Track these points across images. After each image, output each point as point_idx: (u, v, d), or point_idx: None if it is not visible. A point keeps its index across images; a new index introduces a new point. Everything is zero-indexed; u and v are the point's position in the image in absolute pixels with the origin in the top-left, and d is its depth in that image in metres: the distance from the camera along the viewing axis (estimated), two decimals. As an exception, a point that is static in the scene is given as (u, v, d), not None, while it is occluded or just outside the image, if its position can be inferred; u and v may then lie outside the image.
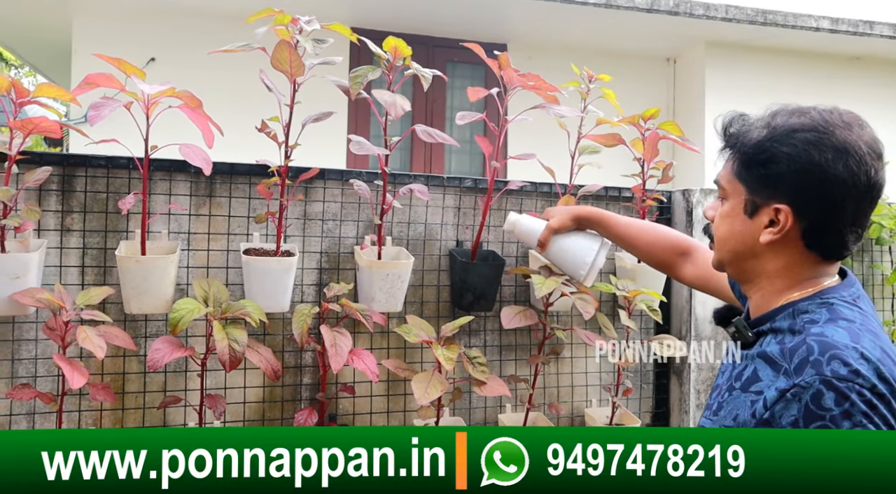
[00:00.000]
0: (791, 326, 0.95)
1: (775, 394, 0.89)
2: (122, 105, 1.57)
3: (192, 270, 1.83)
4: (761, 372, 0.94)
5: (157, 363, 1.54)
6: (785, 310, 0.98)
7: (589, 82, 2.00)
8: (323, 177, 1.90)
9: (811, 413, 0.85)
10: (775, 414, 0.89)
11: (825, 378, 0.85)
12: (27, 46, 5.19)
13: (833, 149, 0.92)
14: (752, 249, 1.01)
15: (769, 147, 0.96)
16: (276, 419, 1.90)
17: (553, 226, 1.64)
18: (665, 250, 1.50)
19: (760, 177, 0.97)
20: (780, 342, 0.94)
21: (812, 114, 0.95)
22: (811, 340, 0.90)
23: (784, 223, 0.96)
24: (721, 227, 1.05)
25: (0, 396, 1.70)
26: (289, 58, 1.64)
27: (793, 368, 0.89)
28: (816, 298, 0.97)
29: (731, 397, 0.98)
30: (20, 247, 1.65)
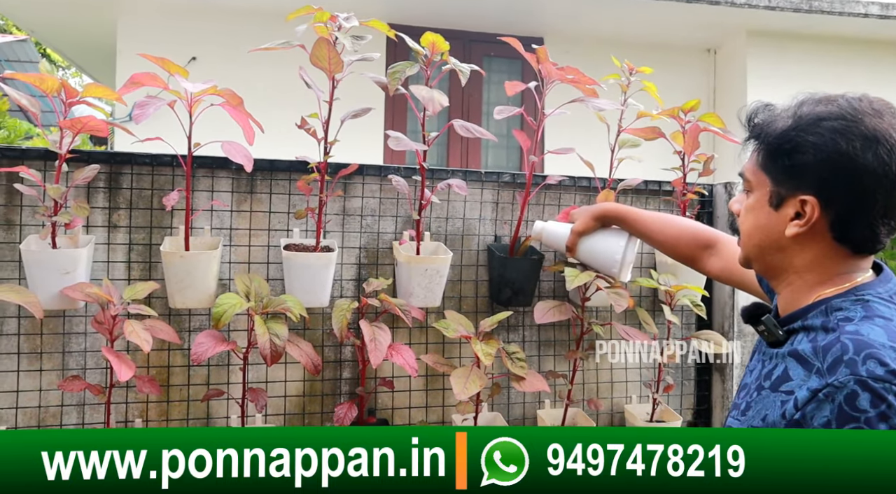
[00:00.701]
0: (824, 324, 0.92)
1: (807, 394, 0.86)
2: (166, 103, 1.60)
3: (234, 265, 1.86)
4: (792, 371, 0.91)
5: (200, 356, 1.57)
6: (817, 308, 0.94)
7: (630, 75, 1.97)
8: (361, 173, 1.91)
9: (845, 414, 0.82)
10: (807, 415, 0.86)
11: (860, 378, 0.82)
12: (73, 48, 5.33)
13: (862, 138, 0.88)
14: (778, 243, 0.97)
15: (794, 136, 0.92)
16: (317, 413, 1.92)
17: (577, 229, 1.65)
18: (689, 244, 1.48)
19: (785, 167, 0.94)
20: (812, 340, 0.91)
21: (840, 102, 0.92)
22: (846, 338, 0.86)
23: (810, 215, 0.92)
24: (746, 221, 1.02)
25: (52, 387, 1.75)
26: (327, 55, 1.65)
27: (826, 367, 0.86)
28: (850, 295, 0.93)
29: (760, 397, 0.96)
30: (70, 243, 1.69)
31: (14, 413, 1.72)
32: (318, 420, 1.93)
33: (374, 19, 1.71)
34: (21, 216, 1.72)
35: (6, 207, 1.72)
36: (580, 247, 1.67)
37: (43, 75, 1.56)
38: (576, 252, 1.68)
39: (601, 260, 1.67)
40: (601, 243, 1.66)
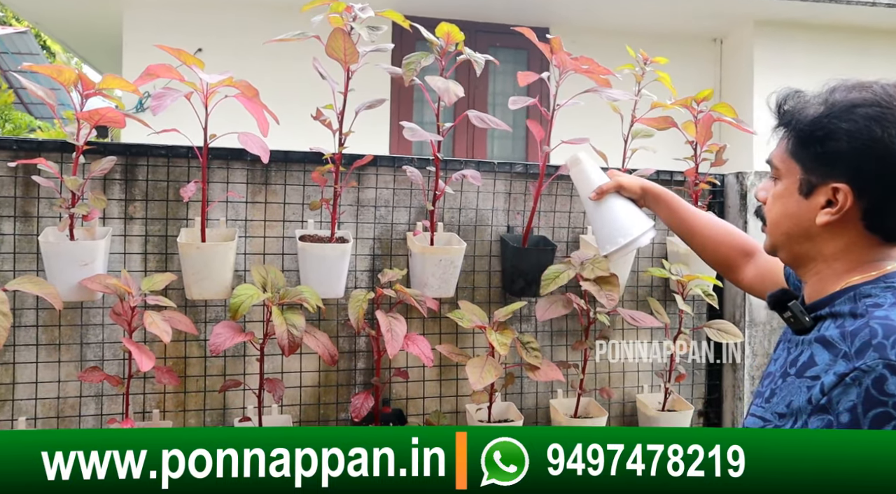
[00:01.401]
0: (852, 310, 0.90)
1: (833, 379, 0.85)
2: (182, 95, 1.61)
3: (249, 257, 1.86)
4: (818, 357, 0.90)
5: (218, 347, 1.58)
6: (845, 294, 0.93)
7: (644, 65, 1.97)
8: (375, 164, 1.92)
9: (872, 398, 0.81)
10: (833, 400, 0.84)
11: (889, 362, 0.81)
12: (78, 39, 5.31)
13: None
14: (808, 231, 0.95)
15: (827, 123, 0.90)
16: (331, 403, 1.94)
17: (623, 181, 1.51)
18: (731, 247, 1.40)
19: (817, 155, 0.92)
20: (839, 326, 0.90)
21: (874, 88, 0.90)
22: (875, 323, 0.85)
23: (843, 203, 0.90)
24: (774, 209, 1.00)
25: (70, 378, 1.76)
26: (343, 46, 1.65)
27: (854, 351, 0.85)
28: (880, 282, 0.92)
29: (785, 383, 0.94)
30: (87, 234, 1.70)
31: (33, 404, 1.74)
32: (333, 410, 1.94)
33: (388, 10, 1.71)
34: (38, 208, 1.73)
35: (23, 199, 1.72)
36: (608, 200, 1.52)
37: (60, 67, 1.56)
38: (602, 199, 1.53)
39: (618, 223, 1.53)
40: (631, 211, 1.52)
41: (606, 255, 1.51)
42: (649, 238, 1.52)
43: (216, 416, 1.86)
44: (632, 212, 1.52)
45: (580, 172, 1.60)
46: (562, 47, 1.80)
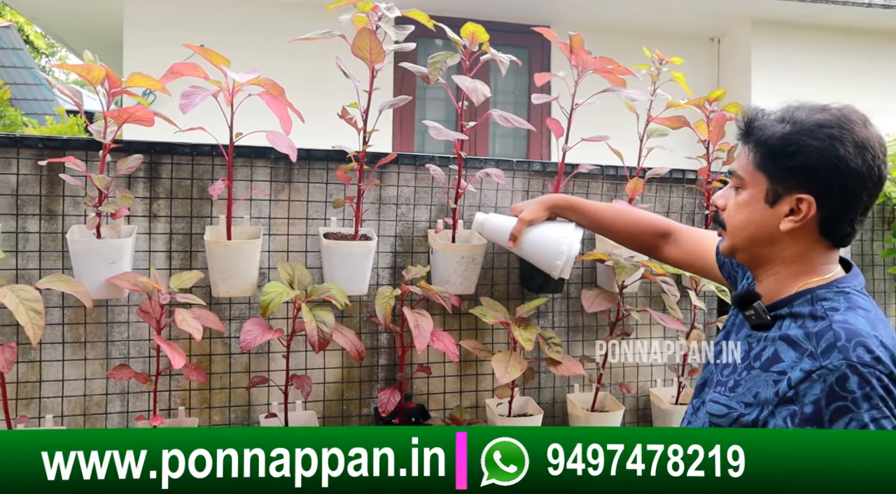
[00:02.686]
0: (812, 312, 1.01)
1: (801, 374, 0.95)
2: (210, 94, 1.61)
3: (272, 254, 1.87)
4: (783, 354, 1.00)
5: (249, 344, 1.60)
6: (802, 296, 1.04)
7: (660, 65, 2.00)
8: (397, 162, 1.93)
9: (834, 393, 0.92)
10: (800, 393, 0.94)
11: (851, 363, 0.92)
12: (77, 36, 5.27)
13: (854, 144, 0.99)
14: (771, 236, 1.06)
15: (797, 140, 1.01)
16: (354, 398, 1.95)
17: (526, 217, 1.64)
18: (645, 233, 1.55)
19: (786, 168, 1.02)
20: (801, 326, 1.01)
21: (833, 110, 1.02)
22: (837, 327, 0.96)
23: (806, 212, 1.02)
24: (738, 215, 1.10)
25: (96, 376, 1.77)
26: (369, 45, 1.67)
27: (819, 351, 0.95)
28: (833, 287, 1.04)
29: (751, 376, 1.04)
30: (112, 233, 1.70)
31: (60, 401, 1.74)
32: (356, 406, 1.96)
33: (414, 9, 1.72)
34: (63, 206, 1.73)
35: (48, 197, 1.72)
36: (525, 238, 1.63)
37: (89, 65, 1.57)
38: (519, 243, 1.64)
39: (545, 251, 1.62)
40: (547, 233, 1.62)
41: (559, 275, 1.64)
42: (577, 241, 1.61)
43: (241, 413, 1.87)
44: (550, 233, 1.62)
45: (489, 231, 1.71)
46: (582, 46, 1.82)
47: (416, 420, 1.91)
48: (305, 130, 2.14)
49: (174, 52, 4.32)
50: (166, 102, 1.70)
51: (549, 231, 1.64)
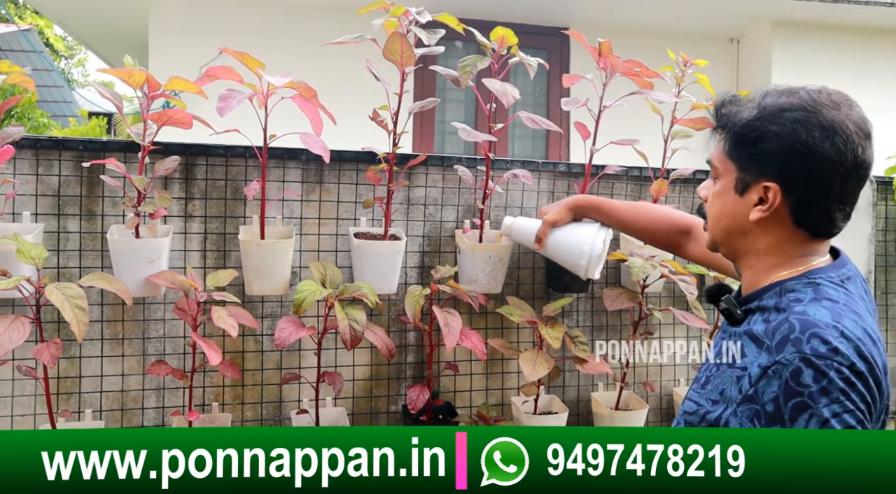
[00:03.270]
0: (777, 304, 0.97)
1: (758, 371, 0.91)
2: (246, 97, 1.65)
3: (303, 254, 1.91)
4: (746, 349, 0.97)
5: (284, 341, 1.63)
6: (772, 289, 1.00)
7: (684, 67, 2.02)
8: (425, 164, 1.97)
9: (790, 389, 0.88)
10: (759, 391, 0.91)
11: (804, 355, 0.87)
12: (102, 40, 5.36)
13: (820, 128, 0.94)
14: (743, 227, 1.03)
15: (759, 126, 0.98)
16: (383, 396, 1.99)
17: (550, 219, 1.66)
18: (667, 231, 1.53)
19: (750, 155, 0.99)
20: (765, 319, 0.97)
21: (801, 94, 0.98)
22: (793, 318, 0.92)
23: (773, 200, 0.98)
24: (714, 206, 1.07)
25: (132, 372, 1.81)
26: (400, 48, 1.70)
27: (774, 345, 0.91)
28: (804, 278, 0.99)
29: (719, 372, 1.01)
30: (149, 232, 1.75)
31: (98, 397, 1.79)
32: (384, 403, 1.99)
33: (443, 13, 1.75)
34: (102, 206, 1.78)
35: (88, 198, 1.77)
36: (550, 240, 1.66)
37: (131, 70, 1.61)
38: (544, 244, 1.67)
39: (570, 252, 1.65)
40: (571, 234, 1.64)
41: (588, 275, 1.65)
42: (601, 241, 1.61)
43: (272, 409, 1.91)
44: (574, 234, 1.63)
45: (517, 233, 1.75)
46: (611, 50, 1.85)
47: (444, 418, 1.94)
48: (333, 132, 2.19)
49: (199, 54, 4.39)
50: (197, 104, 1.73)
51: (573, 232, 1.65)
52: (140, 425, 1.82)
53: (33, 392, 1.74)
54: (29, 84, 1.70)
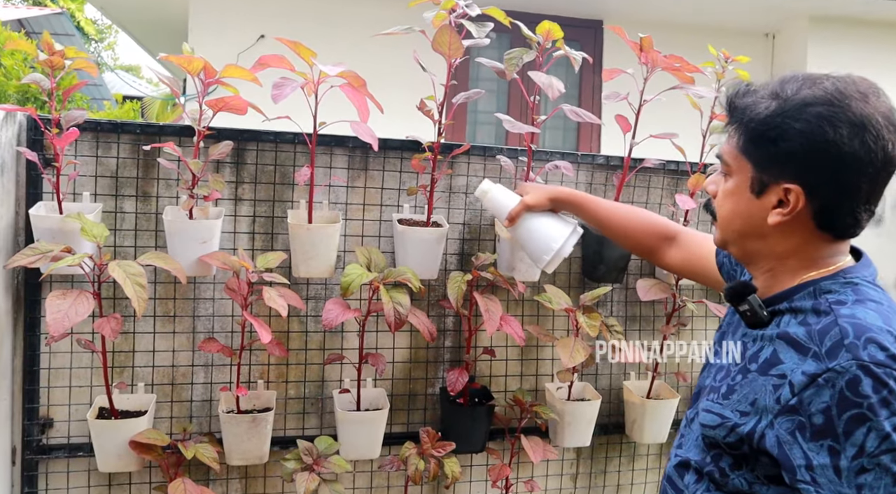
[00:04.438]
0: (815, 306, 0.90)
1: (804, 379, 0.83)
2: (299, 85, 1.70)
3: (348, 238, 1.97)
4: (783, 355, 0.88)
5: (331, 322, 1.69)
6: (804, 289, 0.92)
7: (725, 63, 2.04)
8: (468, 153, 2.01)
9: (846, 400, 0.80)
10: (804, 401, 0.83)
11: (862, 363, 0.80)
12: (141, 25, 5.45)
13: (849, 124, 0.85)
14: (759, 230, 0.95)
15: (780, 122, 0.88)
16: (421, 378, 2.05)
17: (529, 201, 1.54)
18: (649, 235, 1.44)
19: (770, 154, 0.90)
20: (803, 322, 0.89)
21: (825, 84, 0.88)
22: (844, 322, 0.84)
23: (794, 204, 0.90)
24: (725, 205, 0.99)
25: (182, 348, 1.89)
26: (449, 40, 1.74)
27: (824, 351, 0.83)
28: (839, 277, 0.92)
29: (746, 380, 0.93)
30: (202, 214, 1.81)
31: (151, 371, 1.86)
32: (423, 385, 2.05)
33: (492, 7, 1.79)
34: (157, 188, 1.85)
35: (144, 180, 1.84)
36: (522, 222, 1.56)
37: (190, 57, 1.67)
38: (516, 224, 1.57)
39: (537, 242, 1.56)
40: (546, 226, 1.55)
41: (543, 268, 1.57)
42: (572, 243, 1.54)
43: (314, 388, 1.98)
44: (548, 225, 1.54)
45: (490, 202, 1.62)
46: (652, 46, 1.87)
47: (480, 401, 1.99)
48: (374, 120, 2.24)
49: (238, 39, 4.47)
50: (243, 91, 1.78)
51: (547, 225, 1.56)
52: (189, 399, 1.90)
53: (89, 364, 1.82)
54: (92, 69, 1.77)
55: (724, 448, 0.95)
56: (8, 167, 1.68)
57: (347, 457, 1.82)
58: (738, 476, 0.93)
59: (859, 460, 0.80)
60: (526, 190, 1.59)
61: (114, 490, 1.86)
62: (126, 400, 1.82)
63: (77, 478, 1.83)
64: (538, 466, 2.15)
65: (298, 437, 1.87)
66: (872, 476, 0.80)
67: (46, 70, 1.65)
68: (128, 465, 1.73)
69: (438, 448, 1.85)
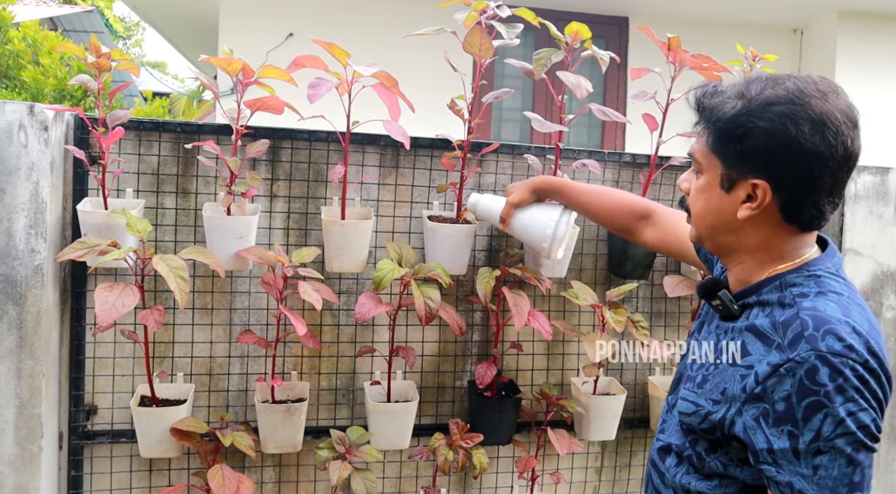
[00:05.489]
0: (780, 299, 0.95)
1: (767, 369, 0.90)
2: (334, 86, 1.76)
3: (379, 234, 2.02)
4: (750, 346, 0.94)
5: (364, 316, 1.75)
6: (771, 283, 0.98)
7: (753, 61, 2.05)
8: (496, 151, 2.05)
9: (805, 388, 0.86)
10: (768, 389, 0.89)
11: (820, 353, 0.86)
12: (171, 23, 5.55)
13: (810, 122, 0.91)
14: (730, 224, 1.00)
15: (745, 121, 0.94)
16: (449, 371, 2.09)
17: (513, 200, 1.65)
18: (624, 214, 1.51)
19: (737, 152, 0.95)
20: (769, 315, 0.95)
21: (787, 84, 0.94)
22: (805, 315, 0.90)
23: (762, 198, 0.95)
24: (698, 202, 1.04)
25: (219, 340, 1.95)
26: (479, 42, 1.78)
27: (786, 343, 0.89)
28: (803, 270, 0.97)
29: (718, 370, 0.99)
30: (239, 210, 1.87)
31: (189, 362, 1.93)
32: (451, 378, 2.10)
33: (522, 8, 1.83)
34: (196, 185, 1.91)
35: (183, 177, 1.91)
36: (514, 220, 1.67)
37: (230, 58, 1.73)
38: (509, 224, 1.68)
39: (533, 232, 1.65)
40: (536, 215, 1.63)
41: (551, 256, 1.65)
42: (564, 224, 1.62)
43: (346, 380, 2.03)
44: (538, 215, 1.63)
45: (482, 211, 1.73)
46: (680, 45, 1.90)
47: (507, 394, 2.03)
48: (400, 118, 2.28)
49: (267, 37, 4.53)
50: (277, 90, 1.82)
51: (537, 214, 1.65)
52: (225, 389, 1.96)
53: (131, 354, 1.89)
54: (134, 70, 1.84)
55: (700, 433, 1.02)
56: (57, 165, 1.75)
57: (378, 447, 1.88)
58: (714, 459, 1.00)
59: (816, 443, 0.87)
60: (510, 191, 1.69)
61: (154, 475, 1.94)
62: (166, 389, 1.89)
63: (120, 463, 1.91)
64: (563, 459, 2.19)
65: (330, 427, 1.93)
66: (828, 458, 0.87)
67: (93, 71, 1.72)
68: (168, 451, 1.80)
69: (467, 439, 1.90)
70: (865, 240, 2.31)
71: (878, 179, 2.33)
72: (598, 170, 1.93)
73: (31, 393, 1.71)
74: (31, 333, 1.70)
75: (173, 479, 1.94)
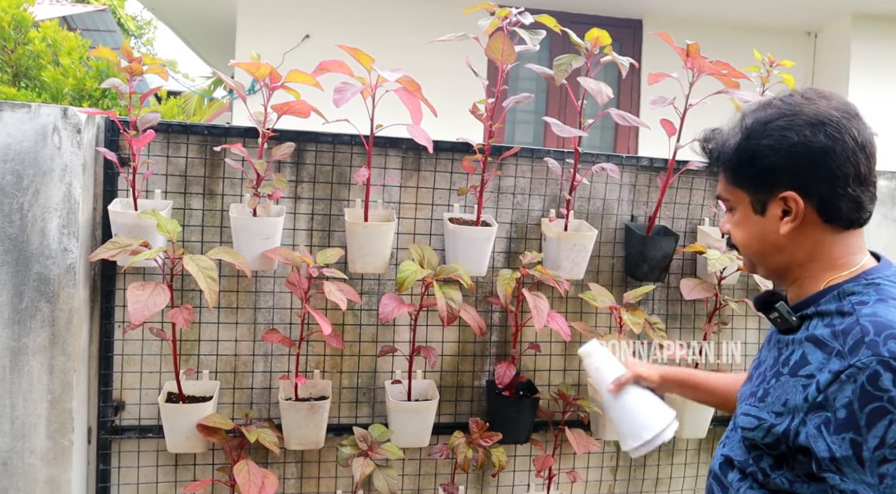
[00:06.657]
0: (839, 308, 0.95)
1: (829, 377, 0.89)
2: (359, 90, 1.79)
3: (400, 236, 2.05)
4: (810, 356, 0.94)
5: (387, 316, 1.78)
6: (829, 293, 0.98)
7: (770, 67, 2.08)
8: (516, 155, 2.08)
9: (867, 394, 0.85)
10: (829, 397, 0.88)
11: (882, 358, 0.85)
12: (189, 24, 5.60)
13: (808, 126, 0.95)
14: (776, 244, 1.01)
15: (748, 145, 0.99)
16: (468, 371, 2.13)
17: (641, 371, 1.44)
18: None
19: (753, 175, 0.99)
20: (828, 324, 0.95)
21: (775, 103, 1.00)
22: (865, 321, 0.90)
23: (797, 207, 0.97)
24: (738, 235, 1.07)
25: (243, 338, 1.99)
26: (501, 47, 1.82)
27: (847, 349, 0.89)
28: (861, 279, 0.97)
29: (779, 383, 0.98)
30: (264, 212, 1.91)
31: (214, 359, 1.97)
32: (469, 377, 2.13)
33: (544, 14, 1.86)
34: (222, 186, 1.95)
35: (210, 178, 1.95)
36: (627, 391, 1.43)
37: (258, 63, 1.77)
38: (620, 393, 1.43)
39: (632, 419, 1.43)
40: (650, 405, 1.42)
41: (627, 451, 1.42)
42: (672, 431, 1.42)
43: (367, 378, 2.07)
44: (653, 405, 1.43)
45: (593, 364, 1.52)
46: (699, 52, 1.92)
47: (525, 394, 2.07)
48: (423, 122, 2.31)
49: (284, 39, 4.56)
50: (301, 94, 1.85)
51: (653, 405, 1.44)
52: (249, 387, 2.01)
53: (159, 352, 1.94)
54: (163, 75, 1.88)
55: (764, 448, 1.00)
56: (88, 166, 1.80)
57: (398, 445, 1.91)
58: (779, 475, 0.98)
59: (881, 451, 0.85)
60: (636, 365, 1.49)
61: (180, 469, 1.98)
62: (192, 386, 1.93)
63: (146, 458, 1.95)
64: (579, 458, 2.22)
65: (351, 425, 1.96)
66: (895, 466, 0.85)
67: (125, 76, 1.76)
68: (194, 446, 1.84)
69: (486, 438, 1.93)
70: (879, 243, 2.33)
71: (892, 184, 2.35)
72: (616, 175, 1.96)
73: (63, 389, 1.75)
74: (63, 330, 1.74)
75: (198, 474, 1.99)
